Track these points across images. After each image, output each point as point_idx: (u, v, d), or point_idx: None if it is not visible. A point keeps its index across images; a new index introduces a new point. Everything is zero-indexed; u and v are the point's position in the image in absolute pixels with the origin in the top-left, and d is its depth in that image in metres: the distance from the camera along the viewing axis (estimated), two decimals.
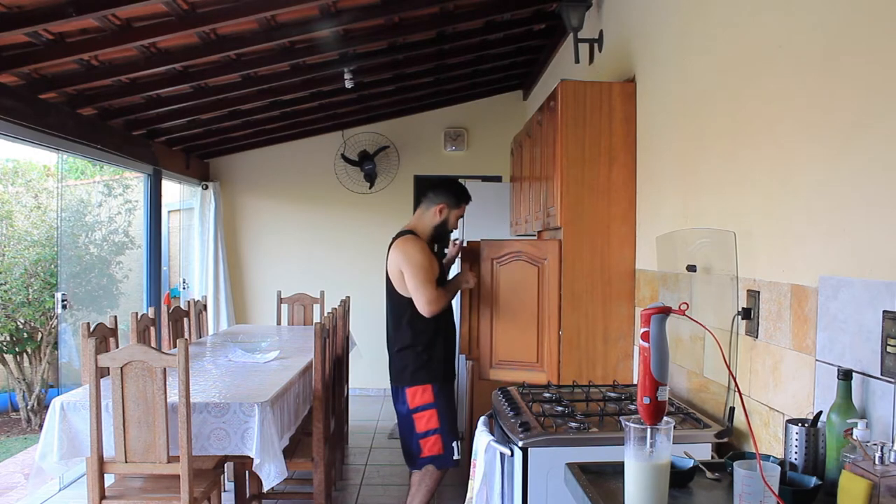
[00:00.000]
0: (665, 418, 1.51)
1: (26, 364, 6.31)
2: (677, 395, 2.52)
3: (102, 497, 2.79)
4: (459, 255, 3.40)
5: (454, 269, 3.58)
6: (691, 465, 1.60)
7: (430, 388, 3.06)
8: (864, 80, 1.55)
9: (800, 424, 1.58)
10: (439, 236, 3.26)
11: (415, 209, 3.46)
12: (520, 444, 2.06)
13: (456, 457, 3.08)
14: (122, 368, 2.68)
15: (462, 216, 3.33)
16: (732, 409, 2.10)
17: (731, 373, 1.97)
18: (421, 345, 3.07)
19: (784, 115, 1.89)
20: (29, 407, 6.20)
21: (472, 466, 2.37)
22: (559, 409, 2.33)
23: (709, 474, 1.64)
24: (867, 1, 1.55)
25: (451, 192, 3.25)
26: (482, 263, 3.30)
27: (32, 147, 4.21)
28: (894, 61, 1.45)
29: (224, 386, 3.20)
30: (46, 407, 3.67)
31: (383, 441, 5.26)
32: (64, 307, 4.65)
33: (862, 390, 1.51)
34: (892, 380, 1.42)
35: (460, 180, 3.65)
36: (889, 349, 1.42)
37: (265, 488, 3.01)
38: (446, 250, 3.41)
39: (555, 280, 3.09)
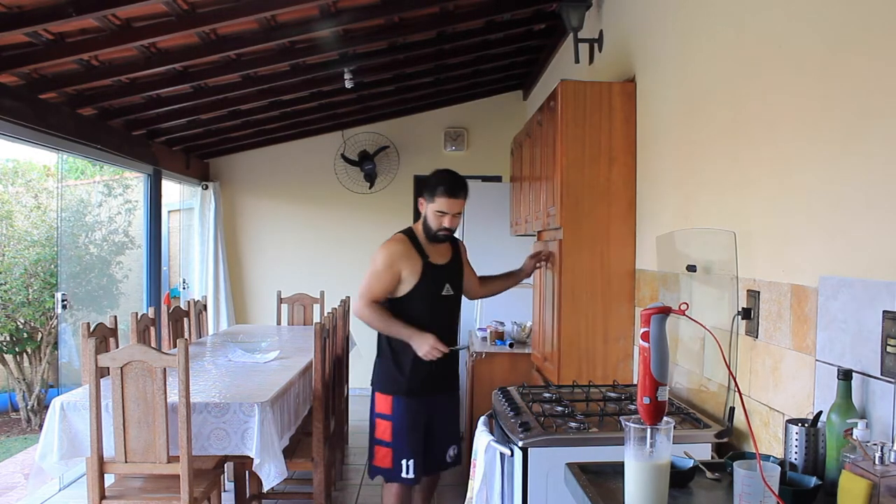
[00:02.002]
0: (665, 418, 1.51)
1: (26, 364, 6.31)
2: (677, 395, 2.52)
3: (102, 497, 2.79)
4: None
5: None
6: (691, 465, 1.60)
7: (390, 399, 2.93)
8: (864, 80, 1.55)
9: (800, 424, 1.58)
10: (430, 236, 2.95)
11: (415, 209, 3.43)
12: (520, 444, 2.06)
13: (406, 475, 2.90)
14: (122, 368, 2.68)
15: (442, 211, 2.86)
16: (732, 409, 2.10)
17: (731, 373, 1.96)
18: (392, 353, 2.94)
19: (784, 115, 1.89)
20: (29, 407, 6.20)
21: (472, 466, 2.37)
22: (559, 409, 2.33)
23: (709, 474, 1.64)
24: (867, 1, 1.55)
25: (427, 182, 2.96)
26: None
27: (32, 147, 4.21)
28: (894, 61, 1.45)
29: (224, 386, 3.20)
30: (46, 407, 3.66)
31: None
32: (64, 307, 4.65)
33: (862, 390, 1.51)
34: (892, 380, 1.42)
35: None
36: (889, 349, 1.42)
37: (265, 488, 3.01)
38: None
39: (556, 280, 3.10)
